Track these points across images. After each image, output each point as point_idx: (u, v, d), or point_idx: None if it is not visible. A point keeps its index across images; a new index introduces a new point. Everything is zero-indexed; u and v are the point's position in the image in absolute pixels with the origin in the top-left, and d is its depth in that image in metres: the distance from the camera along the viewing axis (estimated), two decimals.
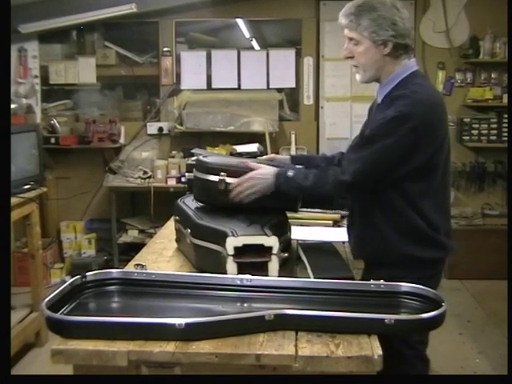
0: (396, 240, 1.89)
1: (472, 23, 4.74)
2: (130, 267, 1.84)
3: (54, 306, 1.44)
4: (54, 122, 4.88)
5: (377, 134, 1.83)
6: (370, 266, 2.00)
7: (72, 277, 1.63)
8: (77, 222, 5.03)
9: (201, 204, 2.09)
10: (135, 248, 3.51)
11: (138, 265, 1.71)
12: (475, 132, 4.83)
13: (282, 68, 4.90)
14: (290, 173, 1.91)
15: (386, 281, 1.64)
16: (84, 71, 4.98)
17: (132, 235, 4.88)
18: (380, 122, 1.83)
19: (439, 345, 3.43)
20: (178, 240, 2.19)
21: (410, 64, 1.93)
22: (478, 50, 4.77)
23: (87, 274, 1.64)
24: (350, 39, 1.90)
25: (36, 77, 4.97)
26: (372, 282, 1.63)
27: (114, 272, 1.70)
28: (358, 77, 1.96)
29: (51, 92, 5.07)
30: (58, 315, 1.41)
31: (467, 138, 4.82)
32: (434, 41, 4.80)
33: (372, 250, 1.96)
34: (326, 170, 1.93)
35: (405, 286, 1.61)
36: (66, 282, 1.60)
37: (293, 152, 4.48)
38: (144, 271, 1.69)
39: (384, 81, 1.92)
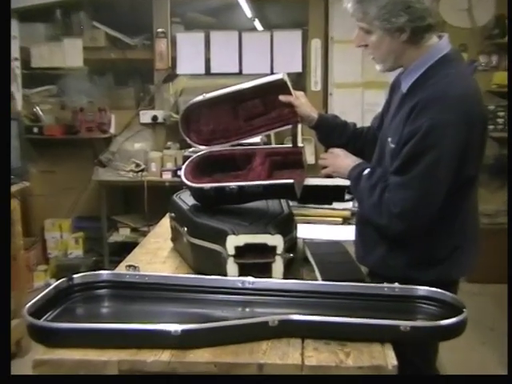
0: (403, 256, 1.87)
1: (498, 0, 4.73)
2: (121, 269, 1.84)
3: (37, 311, 1.44)
4: (37, 109, 4.90)
5: (415, 151, 1.71)
6: (373, 273, 1.97)
7: (57, 280, 1.63)
8: (63, 220, 5.05)
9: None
10: (127, 248, 3.48)
11: (130, 266, 1.72)
12: (500, 121, 4.81)
13: (287, 51, 4.90)
14: (363, 183, 1.89)
15: None
16: (70, 54, 4.98)
17: (124, 234, 4.90)
18: (417, 136, 1.70)
19: (459, 355, 3.43)
20: (173, 239, 2.19)
21: (439, 46, 1.81)
22: (504, 30, 4.74)
23: (74, 276, 1.64)
24: (361, 28, 1.83)
25: (16, 60, 4.94)
26: (385, 284, 1.63)
27: (104, 274, 1.70)
28: (377, 67, 1.90)
29: (33, 77, 5.06)
30: (41, 322, 1.41)
31: (491, 127, 4.79)
32: (454, 20, 4.77)
33: (373, 261, 1.95)
34: (382, 195, 1.80)
35: (421, 289, 1.61)
36: (50, 285, 1.60)
37: (300, 143, 4.48)
38: (137, 273, 1.69)
39: (408, 67, 1.83)
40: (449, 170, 1.74)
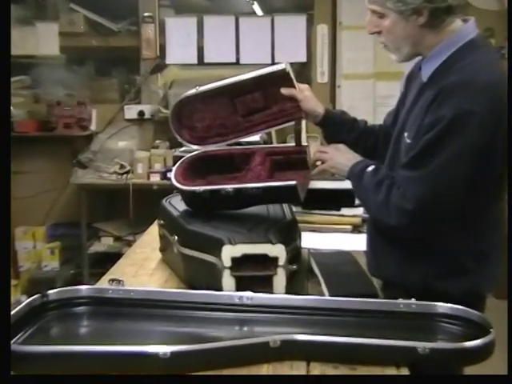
0: (422, 265, 1.86)
1: None
2: (103, 283, 1.84)
3: None
4: None
5: (436, 141, 1.70)
6: (388, 286, 1.97)
7: (30, 296, 1.62)
8: (37, 228, 5.04)
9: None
10: (110, 259, 3.49)
11: (113, 280, 1.71)
12: None
13: (289, 38, 4.91)
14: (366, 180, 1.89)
15: None
16: (44, 40, 4.98)
17: (106, 243, 4.90)
18: (439, 126, 1.69)
19: None
20: (162, 249, 2.19)
21: (465, 30, 1.79)
22: None
23: (49, 292, 1.64)
24: (373, 11, 1.82)
25: None
26: (401, 300, 1.63)
27: (84, 289, 1.70)
28: (393, 57, 1.89)
29: None
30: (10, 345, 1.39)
31: None
32: (479, 1, 4.75)
33: (388, 271, 1.94)
34: (390, 192, 1.80)
35: (442, 306, 1.61)
36: (21, 302, 1.59)
37: (304, 141, 4.50)
38: (121, 288, 1.69)
39: (428, 55, 1.83)
40: (470, 165, 1.71)
